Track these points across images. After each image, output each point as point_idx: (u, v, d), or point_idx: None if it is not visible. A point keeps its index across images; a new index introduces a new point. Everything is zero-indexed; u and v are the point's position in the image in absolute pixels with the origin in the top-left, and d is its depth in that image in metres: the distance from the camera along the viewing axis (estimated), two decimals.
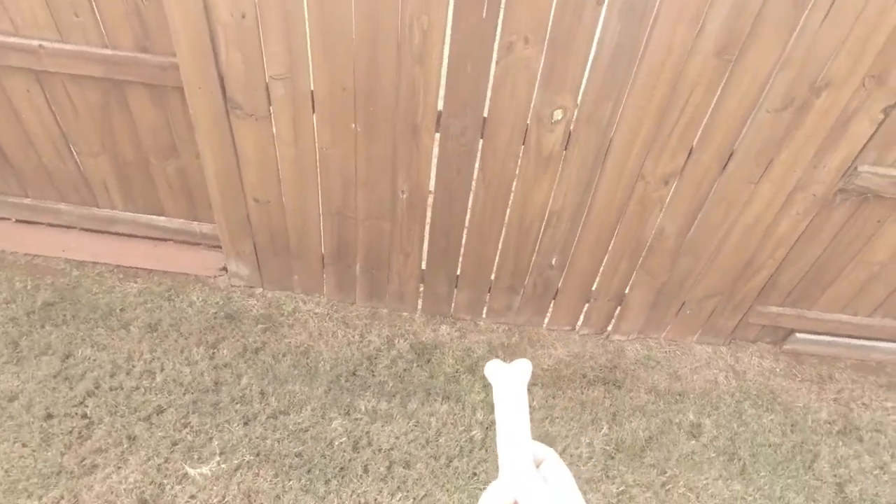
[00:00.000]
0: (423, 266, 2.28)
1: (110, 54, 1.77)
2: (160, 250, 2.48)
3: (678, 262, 2.17)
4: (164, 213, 2.36)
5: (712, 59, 1.58)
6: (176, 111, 1.95)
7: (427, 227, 2.12)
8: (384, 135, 1.82)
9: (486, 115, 1.75)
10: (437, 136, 1.82)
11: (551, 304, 2.40)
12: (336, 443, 1.92)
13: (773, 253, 2.10)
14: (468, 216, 2.06)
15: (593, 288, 2.32)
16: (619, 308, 2.41)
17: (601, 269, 2.23)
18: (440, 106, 1.74)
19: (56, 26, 1.73)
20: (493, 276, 2.29)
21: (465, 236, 2.14)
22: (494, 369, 0.56)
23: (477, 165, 1.89)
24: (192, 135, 1.99)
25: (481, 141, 1.81)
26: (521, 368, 0.55)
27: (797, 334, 2.52)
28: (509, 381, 0.54)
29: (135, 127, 2.01)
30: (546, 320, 2.47)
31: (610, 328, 2.49)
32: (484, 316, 2.47)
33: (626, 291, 2.33)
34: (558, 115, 1.71)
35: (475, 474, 1.92)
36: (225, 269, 2.47)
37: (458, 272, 2.28)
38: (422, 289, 2.38)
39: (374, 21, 1.57)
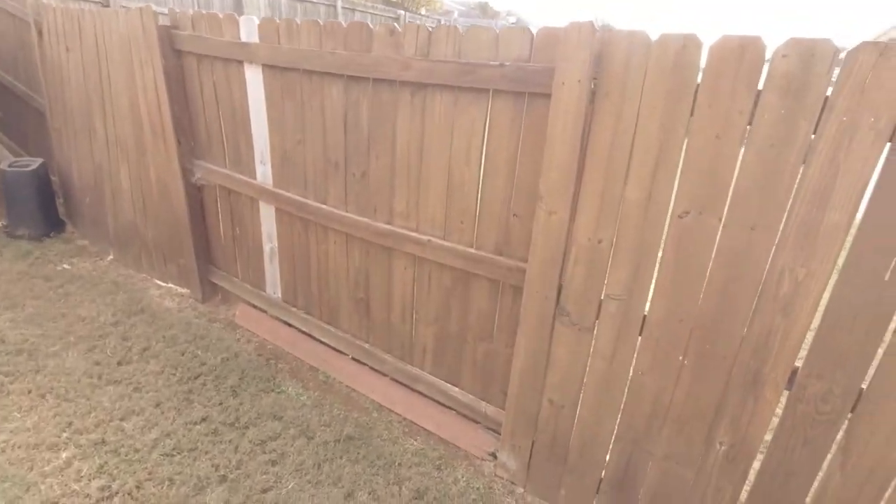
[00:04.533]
0: None
1: (474, 253, 2.16)
2: (443, 417, 2.65)
3: None
4: (459, 384, 2.56)
5: None
6: (505, 305, 2.19)
7: (745, 493, 1.74)
8: (715, 376, 1.65)
9: (864, 385, 1.43)
10: (786, 393, 1.55)
11: None
12: None
13: None
14: (810, 498, 1.61)
15: None
16: None
17: None
18: (797, 362, 1.51)
19: (444, 228, 2.23)
20: None
21: None
22: None
23: (837, 443, 1.51)
24: (512, 327, 2.18)
25: (850, 415, 1.47)
26: None
27: None
28: None
29: (467, 310, 2.33)
30: None
31: None
32: None
33: None
34: None
35: None
36: (494, 455, 2.46)
37: None
38: None
39: (734, 264, 1.53)
